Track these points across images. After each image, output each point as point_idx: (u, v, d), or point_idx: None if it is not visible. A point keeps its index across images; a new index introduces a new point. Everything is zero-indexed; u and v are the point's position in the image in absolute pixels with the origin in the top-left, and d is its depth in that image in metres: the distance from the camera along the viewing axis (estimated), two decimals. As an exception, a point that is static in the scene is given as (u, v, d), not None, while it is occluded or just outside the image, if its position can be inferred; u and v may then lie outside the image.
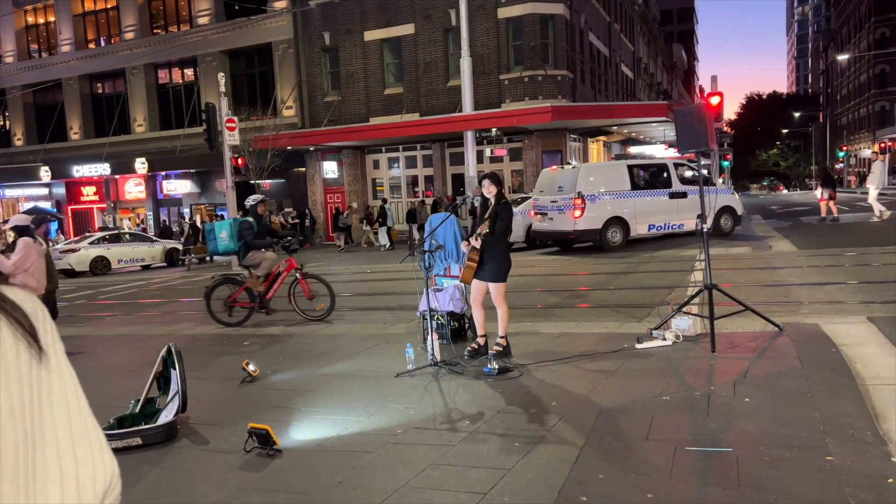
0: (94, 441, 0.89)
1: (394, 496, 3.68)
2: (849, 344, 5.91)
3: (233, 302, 9.65)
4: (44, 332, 0.87)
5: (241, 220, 9.71)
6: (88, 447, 0.88)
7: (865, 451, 3.75)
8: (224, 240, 9.51)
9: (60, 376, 0.88)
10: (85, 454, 0.87)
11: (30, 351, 0.84)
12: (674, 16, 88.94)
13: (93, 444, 0.89)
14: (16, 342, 0.83)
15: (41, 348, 0.86)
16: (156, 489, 4.17)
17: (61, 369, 0.89)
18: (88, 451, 0.88)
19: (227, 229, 9.52)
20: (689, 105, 7.56)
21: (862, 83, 68.75)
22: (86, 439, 0.88)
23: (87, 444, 0.88)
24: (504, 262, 6.42)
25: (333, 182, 28.57)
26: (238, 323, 9.63)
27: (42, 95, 33.88)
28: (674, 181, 16.81)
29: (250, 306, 9.63)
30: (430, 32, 25.70)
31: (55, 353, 0.89)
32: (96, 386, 7.08)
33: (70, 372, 0.91)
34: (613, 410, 4.77)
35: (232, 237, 9.47)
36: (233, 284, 9.79)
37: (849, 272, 10.26)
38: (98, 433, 0.91)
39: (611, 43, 34.74)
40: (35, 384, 0.84)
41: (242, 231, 9.43)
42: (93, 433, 0.90)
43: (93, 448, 0.89)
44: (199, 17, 29.76)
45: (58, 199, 33.83)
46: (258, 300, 9.57)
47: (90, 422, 0.91)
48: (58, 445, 0.85)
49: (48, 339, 0.88)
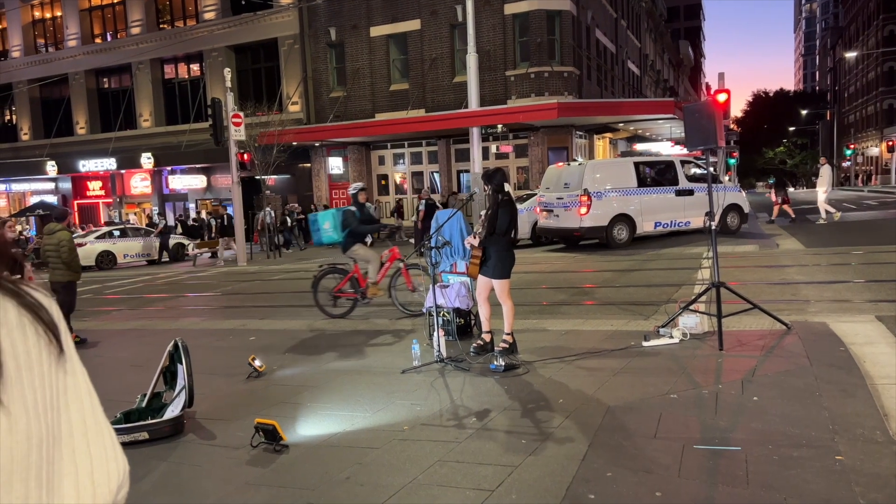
0: (107, 439, 0.91)
1: (401, 492, 3.67)
2: (857, 343, 5.88)
3: (338, 292, 9.28)
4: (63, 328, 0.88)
5: (343, 209, 9.29)
6: (102, 445, 0.89)
7: (875, 450, 3.73)
8: (328, 230, 9.14)
9: (74, 375, 0.89)
10: (99, 452, 0.89)
11: (49, 349, 0.84)
12: (681, 12, 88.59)
13: (106, 442, 0.90)
14: (38, 339, 0.83)
15: (62, 348, 0.86)
16: (163, 484, 4.17)
17: (75, 368, 0.90)
18: (102, 449, 0.89)
19: (330, 219, 9.14)
20: (698, 102, 7.52)
21: (870, 81, 68.38)
22: (100, 437, 0.89)
23: (101, 442, 0.89)
24: (506, 258, 6.41)
25: (339, 178, 28.57)
26: (342, 315, 9.30)
27: (48, 90, 33.94)
28: (680, 178, 16.75)
29: (354, 297, 9.27)
30: (437, 28, 25.66)
31: (70, 351, 0.89)
32: (103, 380, 7.10)
33: (83, 371, 0.91)
34: (621, 408, 4.75)
35: (335, 227, 9.08)
36: (338, 275, 9.41)
37: (857, 271, 10.21)
38: (110, 431, 0.92)
39: (617, 39, 34.62)
40: (54, 382, 0.84)
41: (347, 219, 9.02)
42: (106, 431, 0.91)
43: (106, 446, 0.90)
44: (205, 12, 29.77)
45: (64, 194, 33.92)
46: (360, 291, 9.17)
47: (103, 421, 0.92)
48: (73, 443, 0.86)
49: (64, 338, 0.88)
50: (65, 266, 8.85)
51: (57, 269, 8.87)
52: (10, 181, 34.46)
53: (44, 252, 9.13)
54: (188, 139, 29.30)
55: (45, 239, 9.10)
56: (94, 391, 0.92)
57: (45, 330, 0.84)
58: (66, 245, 8.86)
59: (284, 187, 29.78)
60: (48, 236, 9.01)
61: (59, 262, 8.82)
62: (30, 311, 0.83)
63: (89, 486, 0.86)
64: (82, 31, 32.85)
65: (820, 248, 13.04)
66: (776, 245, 14.27)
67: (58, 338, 0.85)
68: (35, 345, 0.82)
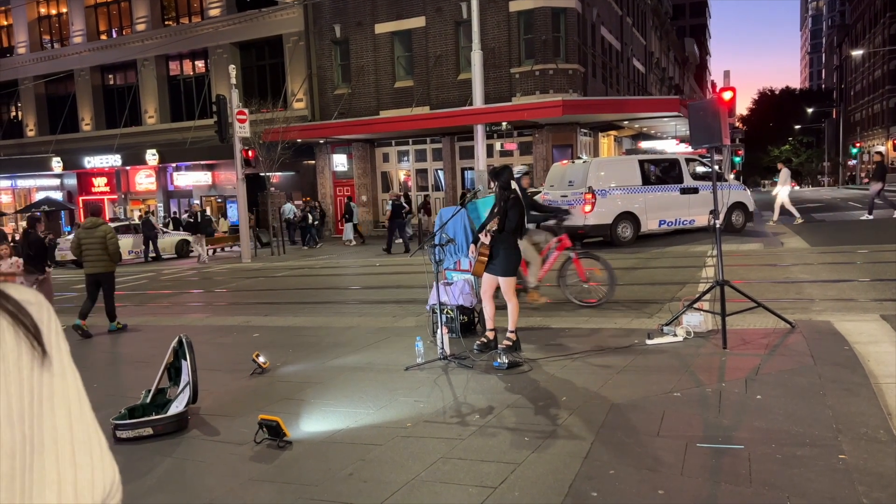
0: (94, 447, 0.87)
1: (404, 489, 3.68)
2: (862, 342, 5.87)
3: None
4: (48, 331, 0.84)
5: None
6: (89, 453, 0.85)
7: (879, 449, 3.72)
8: None
9: (63, 378, 0.85)
10: (84, 460, 0.85)
11: (32, 353, 0.81)
12: (686, 10, 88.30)
13: (93, 450, 0.86)
14: (18, 343, 0.80)
15: (44, 351, 0.83)
16: (167, 479, 4.19)
17: (64, 371, 0.86)
18: (88, 458, 0.85)
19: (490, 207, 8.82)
20: (703, 100, 7.50)
21: (876, 79, 68.10)
22: (86, 445, 0.86)
23: (88, 450, 0.85)
24: (514, 256, 6.43)
25: (343, 175, 28.59)
26: None
27: (54, 86, 34.00)
28: (685, 176, 16.71)
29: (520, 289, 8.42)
30: (441, 25, 25.62)
31: (59, 353, 0.86)
32: (108, 376, 7.13)
33: (74, 374, 0.87)
34: (624, 406, 4.75)
35: None
36: None
37: (861, 269, 10.18)
38: (100, 438, 0.88)
39: (623, 37, 34.53)
40: (36, 387, 0.81)
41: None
42: (94, 438, 0.87)
43: (93, 454, 0.86)
44: (210, 8, 29.78)
45: (69, 190, 34.00)
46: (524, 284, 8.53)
47: (92, 426, 0.88)
48: (57, 450, 0.82)
49: (52, 340, 0.84)
50: (108, 257, 9.40)
51: (101, 261, 9.37)
52: (16, 177, 34.55)
53: (85, 247, 9.40)
54: (193, 136, 29.34)
55: (86, 234, 9.42)
56: (86, 395, 0.88)
57: (26, 333, 0.81)
58: (113, 237, 9.46)
59: (289, 184, 29.80)
60: (90, 230, 9.39)
61: (104, 255, 9.35)
62: (8, 314, 0.80)
63: (72, 495, 0.82)
64: (88, 27, 32.90)
65: (825, 247, 13.00)
66: (781, 244, 14.23)
67: (40, 341, 0.82)
68: (13, 349, 0.79)
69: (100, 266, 9.39)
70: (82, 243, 9.41)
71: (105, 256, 9.35)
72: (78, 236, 9.56)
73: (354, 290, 12.91)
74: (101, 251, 9.30)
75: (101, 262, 9.37)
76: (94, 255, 9.35)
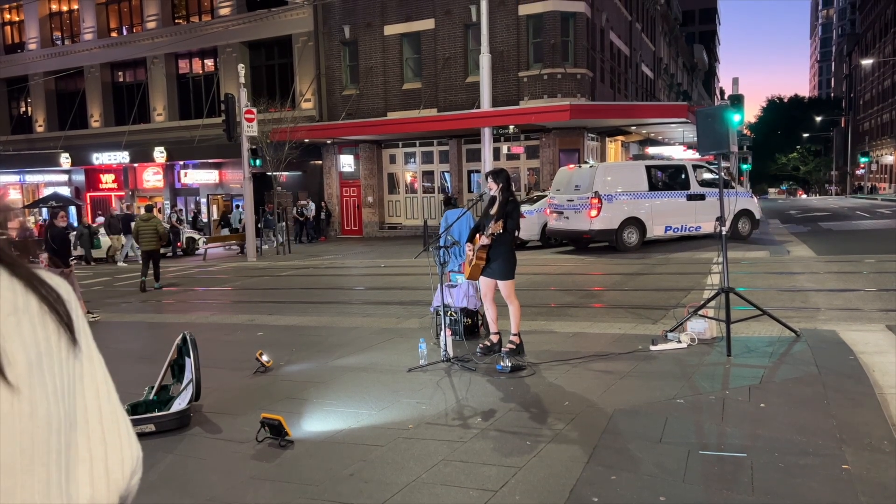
0: (122, 425, 0.92)
1: (405, 490, 3.68)
2: (867, 352, 5.84)
3: None
4: (76, 317, 0.89)
5: None
6: (117, 431, 0.90)
7: (882, 460, 3.70)
8: None
9: (91, 361, 0.90)
10: (114, 438, 0.89)
11: (65, 338, 0.86)
12: (696, 16, 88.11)
13: (121, 429, 0.91)
14: (57, 328, 0.85)
15: (74, 337, 0.87)
16: (169, 476, 4.19)
17: (91, 354, 0.90)
18: (117, 436, 0.90)
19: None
20: (711, 106, 7.49)
21: (886, 88, 67.81)
22: (114, 424, 0.90)
23: (116, 429, 0.90)
24: (511, 259, 6.42)
25: (350, 176, 28.62)
26: None
27: (64, 83, 34.16)
28: (692, 183, 16.68)
29: None
30: (450, 28, 25.64)
31: (86, 337, 0.90)
32: (111, 371, 7.12)
33: (99, 357, 0.92)
34: (626, 412, 4.74)
35: None
36: None
37: (868, 279, 10.13)
38: (125, 418, 0.93)
39: (631, 42, 34.50)
40: (69, 369, 0.85)
41: None
42: (121, 418, 0.92)
43: (121, 432, 0.91)
44: (220, 7, 29.88)
45: (77, 186, 34.13)
46: None
47: (118, 407, 0.92)
48: (88, 429, 0.87)
49: (79, 325, 0.89)
50: (158, 238, 13.68)
51: (152, 241, 13.55)
52: (24, 172, 34.70)
53: (142, 231, 13.62)
54: (201, 134, 29.42)
55: (143, 224, 13.70)
56: (110, 378, 0.93)
57: (60, 321, 0.85)
58: (161, 225, 14.04)
59: (295, 184, 29.84)
60: (145, 221, 13.70)
61: (155, 237, 13.57)
62: (47, 303, 0.84)
63: (103, 471, 0.87)
64: (98, 24, 33.04)
65: (831, 256, 12.95)
66: (787, 252, 14.19)
67: (71, 328, 0.87)
68: (54, 332, 0.84)
69: (152, 244, 13.52)
70: (139, 229, 13.66)
71: (156, 238, 13.55)
72: (137, 225, 13.96)
73: (359, 291, 12.92)
74: (153, 235, 13.49)
75: (152, 242, 13.50)
76: (148, 237, 13.48)
